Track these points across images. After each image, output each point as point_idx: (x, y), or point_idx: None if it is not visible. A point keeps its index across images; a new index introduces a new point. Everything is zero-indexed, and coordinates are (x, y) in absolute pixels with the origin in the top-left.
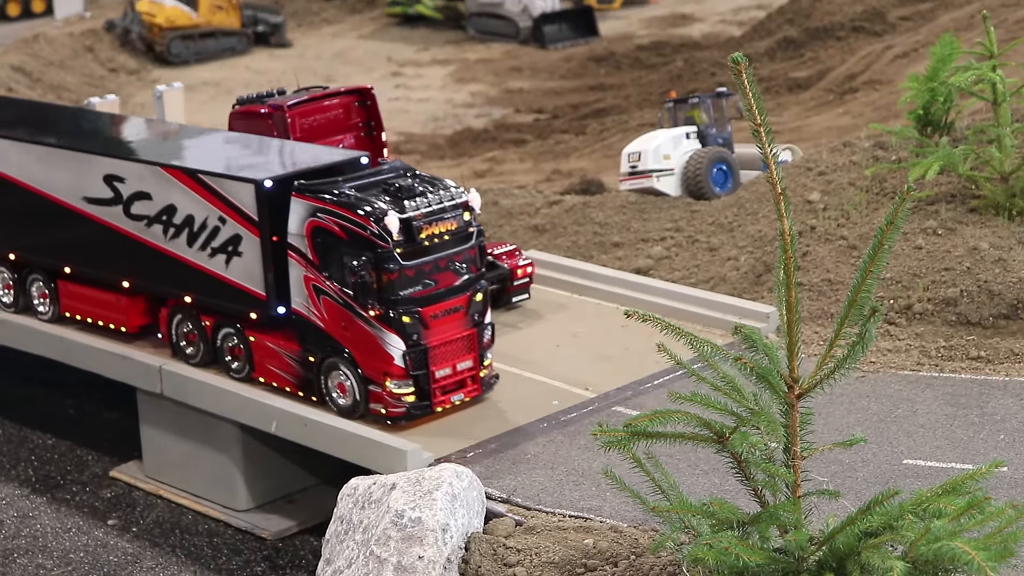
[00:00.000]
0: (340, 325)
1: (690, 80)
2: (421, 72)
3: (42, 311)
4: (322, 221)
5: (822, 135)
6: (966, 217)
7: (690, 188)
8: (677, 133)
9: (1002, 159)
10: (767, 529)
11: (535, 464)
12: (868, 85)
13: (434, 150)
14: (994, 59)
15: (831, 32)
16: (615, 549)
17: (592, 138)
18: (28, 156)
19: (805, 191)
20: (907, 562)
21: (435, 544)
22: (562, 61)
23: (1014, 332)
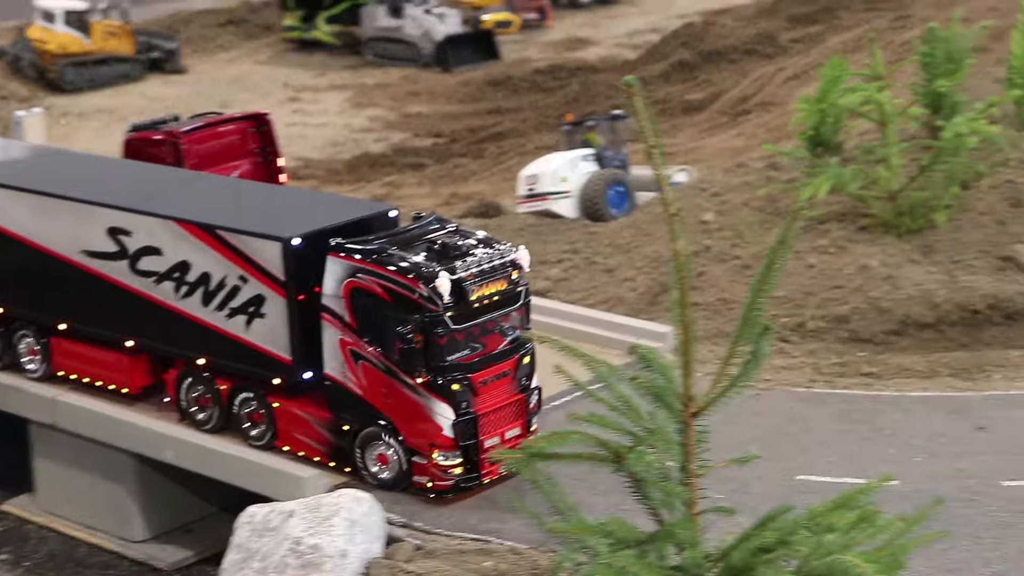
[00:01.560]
0: (381, 392)
1: (586, 103)
2: (318, 97)
3: (32, 368)
4: (362, 282)
5: (716, 156)
6: (856, 236)
7: (587, 210)
8: (574, 156)
9: (890, 178)
10: (664, 547)
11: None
12: (761, 107)
13: (332, 175)
14: (881, 80)
15: (724, 55)
16: (515, 571)
17: (490, 161)
18: (20, 204)
19: (700, 211)
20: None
21: (334, 571)
22: (460, 85)
23: (904, 348)
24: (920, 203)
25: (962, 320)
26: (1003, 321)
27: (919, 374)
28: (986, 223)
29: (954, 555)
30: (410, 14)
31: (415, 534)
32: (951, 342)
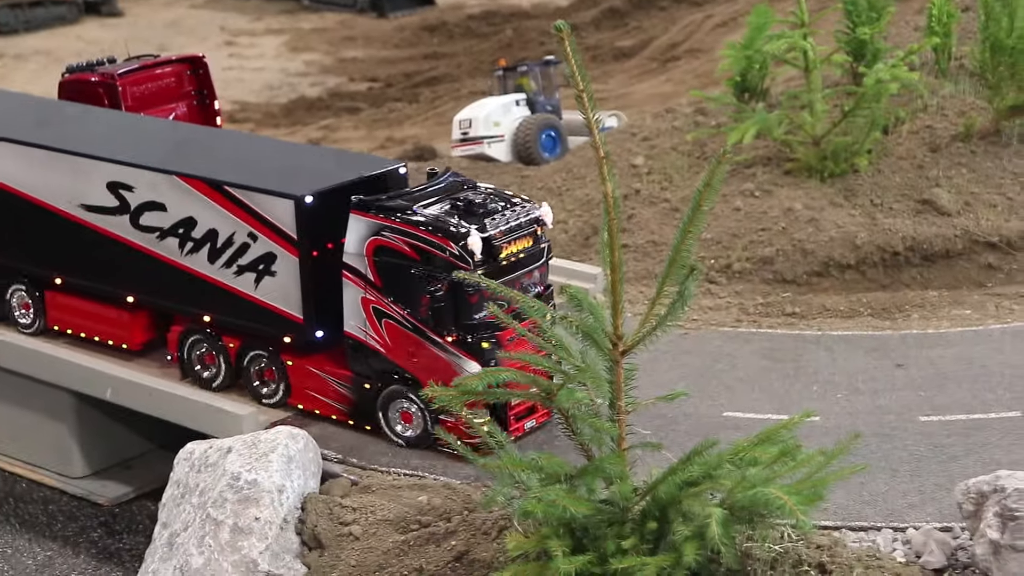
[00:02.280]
0: (406, 350)
1: (519, 49)
2: (255, 41)
3: (25, 323)
4: (388, 240)
5: (646, 102)
6: (781, 179)
7: (520, 154)
8: (507, 100)
9: (814, 123)
10: (593, 481)
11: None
12: (689, 53)
13: (269, 118)
14: (805, 28)
15: (654, 2)
16: (448, 505)
17: (425, 106)
18: (11, 156)
19: (630, 156)
20: (724, 508)
21: (271, 505)
22: (395, 31)
23: (826, 288)
24: (843, 148)
25: (882, 261)
26: (921, 262)
27: (841, 314)
28: (906, 167)
29: (872, 487)
30: None
31: (351, 470)
32: (871, 283)
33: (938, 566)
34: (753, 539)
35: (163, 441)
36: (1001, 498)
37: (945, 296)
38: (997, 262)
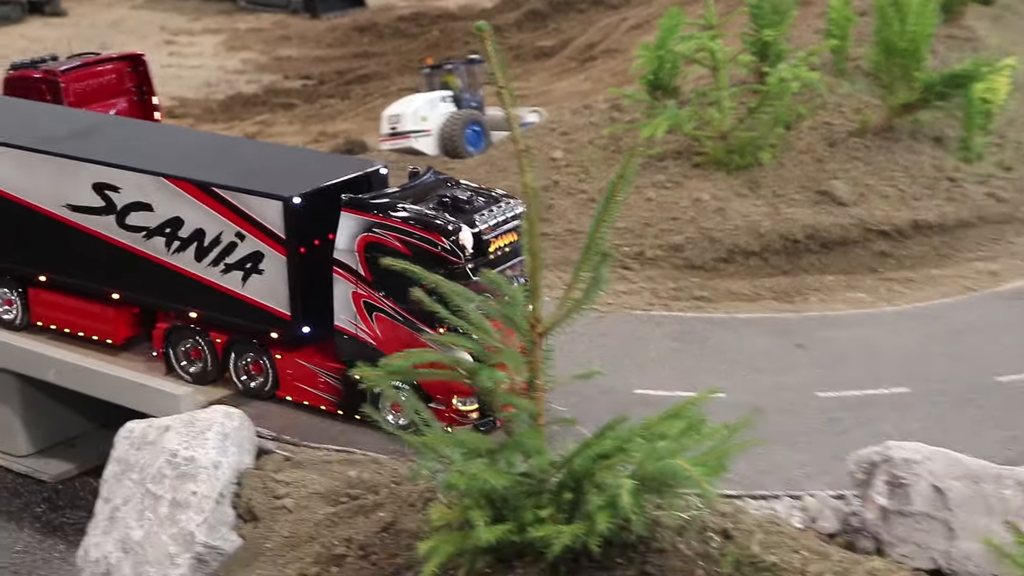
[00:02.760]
0: (397, 343)
1: (446, 48)
2: (194, 40)
3: (8, 318)
4: (379, 237)
5: (565, 99)
6: (691, 172)
7: (446, 147)
8: (433, 97)
9: (721, 119)
10: (512, 455)
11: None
12: (606, 53)
13: (207, 114)
14: (713, 30)
15: (573, 5)
16: (376, 479)
17: (356, 102)
18: (5, 161)
19: (550, 149)
20: (635, 479)
21: (208, 480)
22: (328, 31)
23: (732, 274)
24: (748, 142)
25: (784, 248)
26: (820, 249)
27: (745, 297)
28: (806, 161)
29: (772, 459)
30: None
31: (284, 446)
32: (774, 268)
33: (832, 531)
34: (662, 508)
35: (105, 421)
36: (889, 467)
37: (841, 281)
38: (889, 249)
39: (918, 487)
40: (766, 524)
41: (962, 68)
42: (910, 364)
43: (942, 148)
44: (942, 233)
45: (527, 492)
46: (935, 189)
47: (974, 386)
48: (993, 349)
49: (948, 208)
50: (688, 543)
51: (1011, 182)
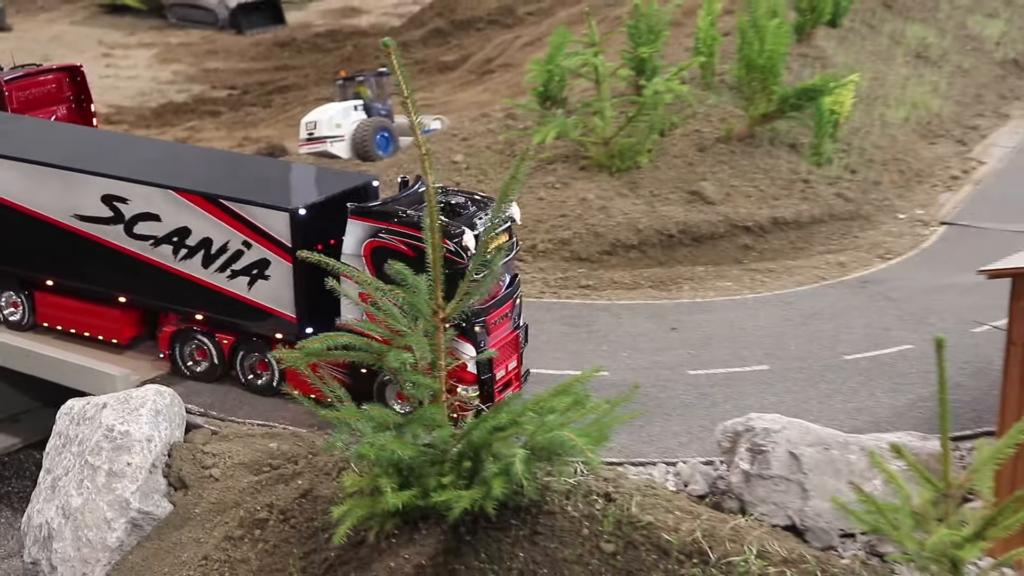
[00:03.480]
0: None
1: (358, 62)
2: (129, 54)
3: (14, 320)
4: (385, 241)
5: (466, 108)
6: (577, 174)
7: (358, 151)
8: (347, 106)
9: (604, 127)
10: (418, 428)
11: (229, 382)
12: (502, 68)
13: (141, 120)
14: (596, 47)
15: (472, 24)
16: (295, 450)
17: (277, 110)
18: (15, 174)
19: (451, 153)
20: (527, 449)
21: (142, 452)
22: (251, 46)
23: (614, 265)
24: (627, 148)
25: (660, 242)
26: (691, 243)
27: (626, 286)
28: (679, 164)
29: (649, 430)
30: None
31: (211, 421)
32: (651, 260)
33: (701, 492)
34: (551, 474)
35: (47, 399)
36: (751, 436)
37: (710, 271)
38: (751, 243)
39: (776, 453)
40: (644, 488)
41: (813, 83)
42: (770, 344)
43: (796, 153)
44: (797, 228)
45: (430, 461)
46: (791, 190)
47: (825, 363)
48: (841, 331)
49: (802, 206)
50: (574, 505)
51: (856, 183)
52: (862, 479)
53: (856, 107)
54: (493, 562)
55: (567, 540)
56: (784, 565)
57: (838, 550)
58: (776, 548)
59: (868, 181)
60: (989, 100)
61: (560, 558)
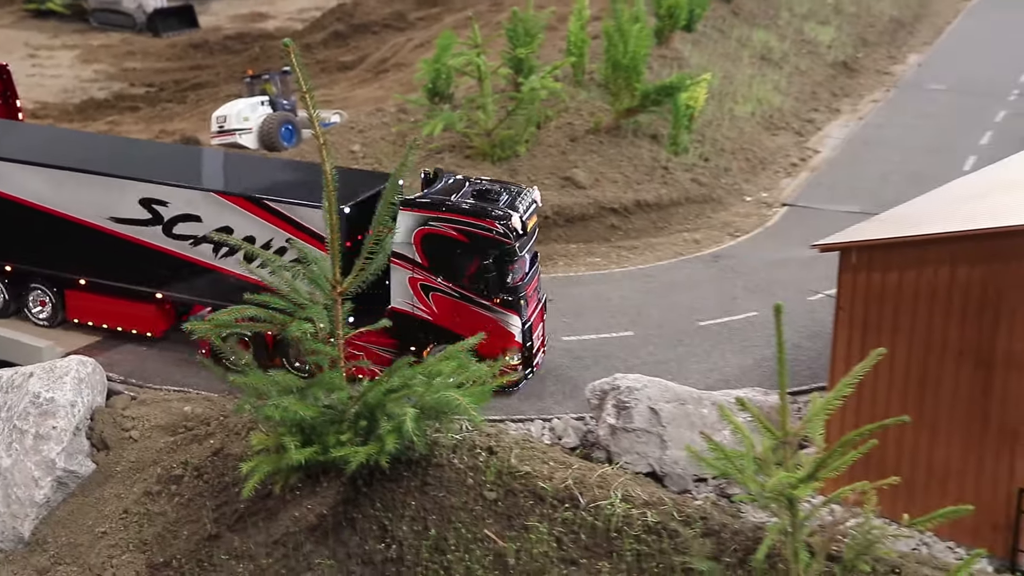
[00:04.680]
0: (452, 316)
1: (264, 61)
2: (53, 54)
3: (43, 317)
4: (436, 228)
5: (363, 103)
6: (463, 161)
7: (264, 143)
8: (254, 101)
9: (486, 120)
10: (318, 391)
11: (147, 353)
12: (395, 67)
13: (65, 115)
14: (479, 48)
15: (368, 28)
16: (208, 413)
17: (191, 106)
18: (40, 178)
19: (350, 143)
20: (417, 409)
21: (66, 417)
22: (167, 47)
23: None
24: (507, 138)
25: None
26: (565, 223)
27: None
28: (553, 153)
29: (527, 390)
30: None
31: (131, 388)
32: None
33: (573, 445)
34: (439, 431)
35: None
36: (617, 394)
37: (582, 248)
38: (618, 223)
39: (638, 409)
40: (522, 442)
41: (671, 81)
42: (634, 313)
43: (657, 143)
44: (658, 210)
45: (330, 421)
46: (652, 175)
47: (682, 329)
48: (696, 300)
49: (663, 190)
50: (460, 458)
51: (709, 170)
52: (713, 430)
53: (708, 102)
54: (388, 510)
55: (454, 489)
56: (645, 507)
57: (692, 493)
58: (638, 492)
59: (719, 168)
60: (823, 97)
61: (448, 505)
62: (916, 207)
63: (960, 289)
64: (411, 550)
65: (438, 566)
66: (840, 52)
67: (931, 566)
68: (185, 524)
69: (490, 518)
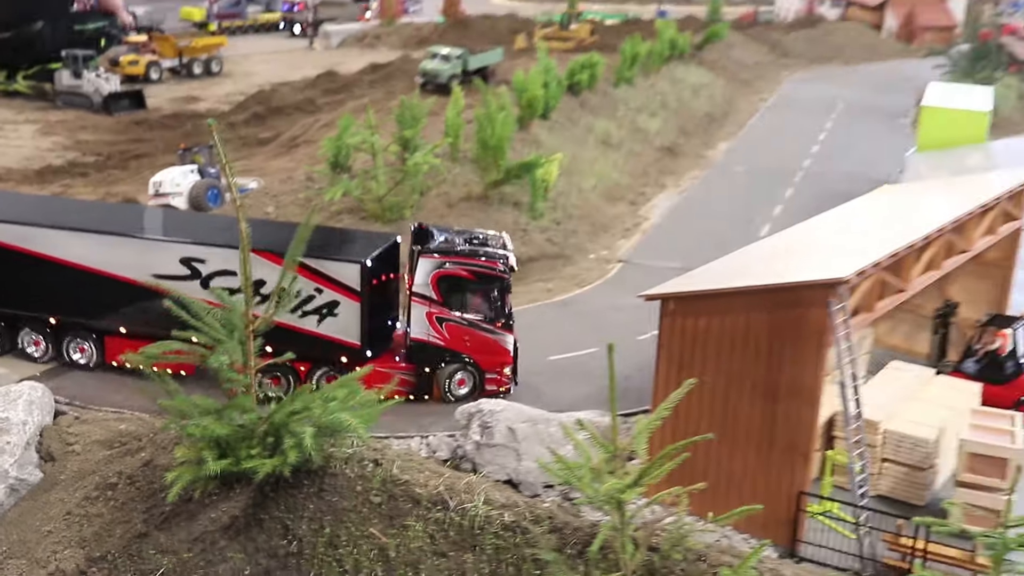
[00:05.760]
0: (462, 340)
1: (196, 137)
2: (17, 128)
3: (82, 361)
4: (450, 270)
5: (277, 173)
6: (358, 223)
7: (193, 205)
8: (185, 169)
9: (378, 188)
10: (232, 413)
11: (89, 380)
12: (305, 143)
13: (25, 179)
14: (373, 129)
15: (283, 110)
16: (140, 430)
17: (132, 172)
18: (85, 242)
19: (264, 206)
20: (315, 427)
21: (19, 433)
22: (116, 123)
23: None
24: (395, 204)
25: None
26: None
27: None
28: (433, 216)
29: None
30: (87, 77)
31: (74, 409)
32: None
33: (446, 458)
34: (334, 446)
35: None
36: (481, 416)
37: None
38: None
39: (498, 428)
40: (403, 455)
41: (529, 159)
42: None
43: (518, 210)
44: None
45: (242, 437)
46: (515, 236)
47: (536, 363)
48: (548, 339)
49: (523, 249)
50: (351, 469)
51: (561, 232)
52: (559, 445)
53: (560, 177)
54: (290, 512)
55: (345, 494)
56: (503, 509)
57: (542, 497)
58: (497, 497)
59: (569, 230)
60: (652, 174)
61: (340, 508)
62: (722, 265)
63: (753, 333)
64: (309, 545)
65: (331, 559)
66: (665, 139)
67: (730, 554)
68: (119, 524)
69: (375, 518)
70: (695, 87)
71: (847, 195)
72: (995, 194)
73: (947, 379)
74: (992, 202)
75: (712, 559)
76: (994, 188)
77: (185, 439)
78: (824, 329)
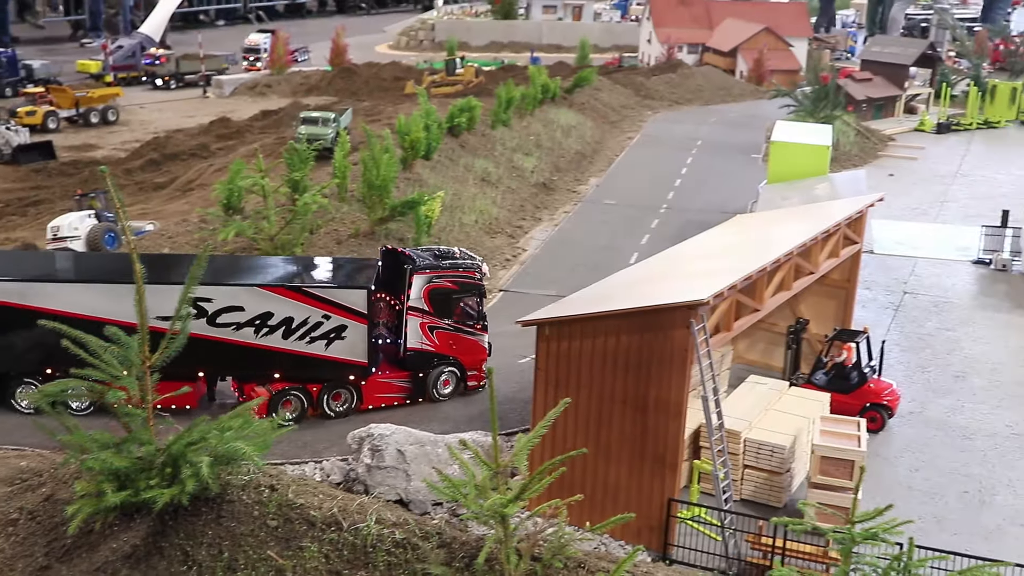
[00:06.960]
0: (449, 344)
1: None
2: None
3: (78, 407)
4: (438, 283)
5: (172, 215)
6: None
7: (90, 247)
8: (82, 214)
9: (270, 228)
10: (131, 446)
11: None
12: (199, 187)
13: None
14: (263, 173)
15: (178, 156)
16: (41, 466)
17: (31, 218)
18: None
19: (160, 247)
20: (212, 457)
21: None
22: (14, 171)
23: None
24: (287, 242)
25: None
26: None
27: None
28: (323, 253)
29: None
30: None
31: None
32: None
33: (338, 481)
34: (231, 474)
35: None
36: (371, 440)
37: None
38: None
39: (388, 451)
40: (298, 480)
41: (413, 196)
42: None
43: (404, 244)
44: None
45: (141, 469)
46: None
47: None
48: None
49: None
50: (248, 495)
51: None
52: (445, 465)
53: (443, 213)
54: (189, 538)
55: (243, 519)
56: (394, 527)
57: (431, 514)
58: (388, 516)
59: None
60: (528, 209)
61: (239, 533)
62: (593, 291)
63: (623, 353)
64: (208, 570)
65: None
66: (540, 176)
67: (607, 560)
68: (20, 558)
69: (272, 541)
70: (566, 128)
71: (707, 224)
72: (836, 220)
73: (800, 390)
74: (834, 228)
75: (591, 565)
76: (836, 215)
77: (85, 473)
78: (687, 347)
